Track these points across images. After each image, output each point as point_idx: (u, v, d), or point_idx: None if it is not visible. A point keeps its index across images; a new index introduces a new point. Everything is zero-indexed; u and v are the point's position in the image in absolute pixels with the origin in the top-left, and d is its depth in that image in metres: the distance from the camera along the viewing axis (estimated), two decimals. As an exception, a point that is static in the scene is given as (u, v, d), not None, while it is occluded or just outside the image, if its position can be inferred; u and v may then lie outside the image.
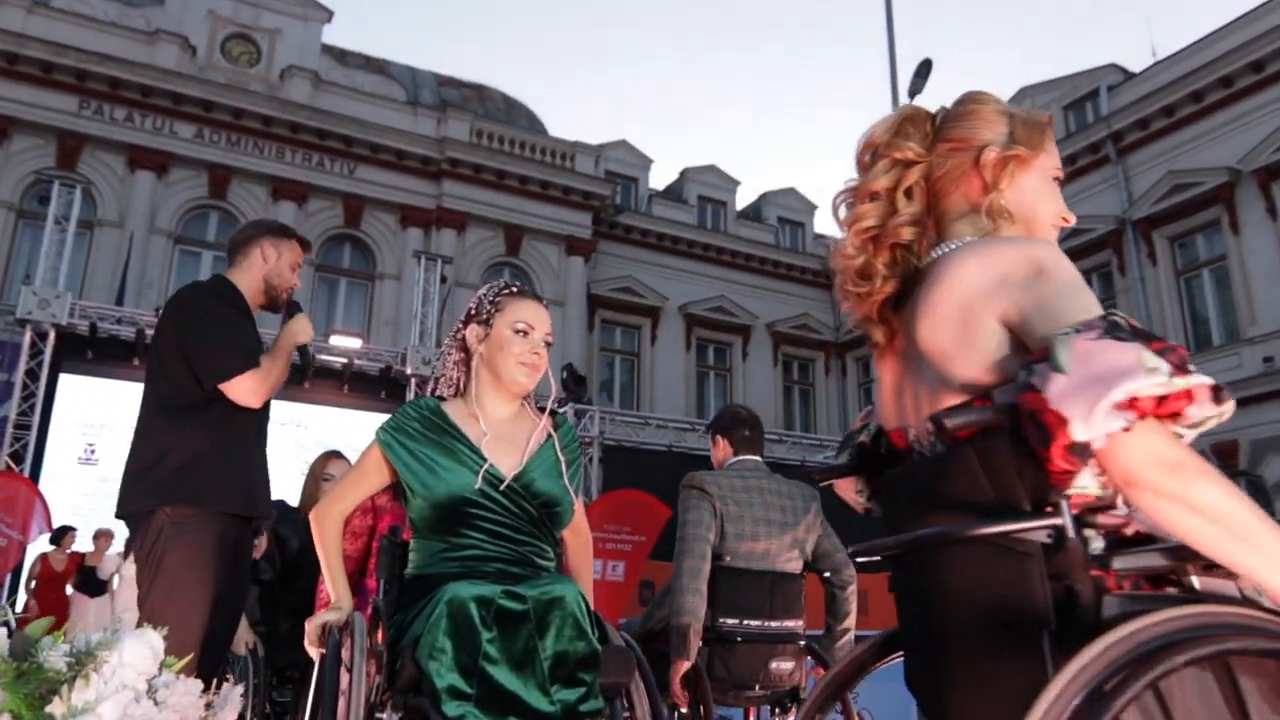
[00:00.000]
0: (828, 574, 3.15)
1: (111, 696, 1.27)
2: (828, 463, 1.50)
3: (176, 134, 15.00)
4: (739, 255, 20.26)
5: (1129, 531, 1.14)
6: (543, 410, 2.08)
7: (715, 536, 2.93)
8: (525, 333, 1.98)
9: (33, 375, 9.18)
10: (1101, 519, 1.12)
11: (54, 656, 1.30)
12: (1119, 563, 1.08)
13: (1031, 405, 1.03)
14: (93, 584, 8.70)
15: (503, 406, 2.01)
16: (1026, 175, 1.31)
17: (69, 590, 8.83)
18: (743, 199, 21.95)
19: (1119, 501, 1.12)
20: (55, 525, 8.45)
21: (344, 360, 10.92)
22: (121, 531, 8.71)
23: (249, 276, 2.67)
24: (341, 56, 17.43)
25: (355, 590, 2.78)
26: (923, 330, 1.22)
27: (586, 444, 10.98)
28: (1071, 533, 1.06)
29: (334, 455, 3.72)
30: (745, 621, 2.92)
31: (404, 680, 1.63)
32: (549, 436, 2.02)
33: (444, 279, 12.48)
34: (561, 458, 2.01)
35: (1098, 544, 1.11)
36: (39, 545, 8.39)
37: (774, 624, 2.97)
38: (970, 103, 1.36)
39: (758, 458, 3.18)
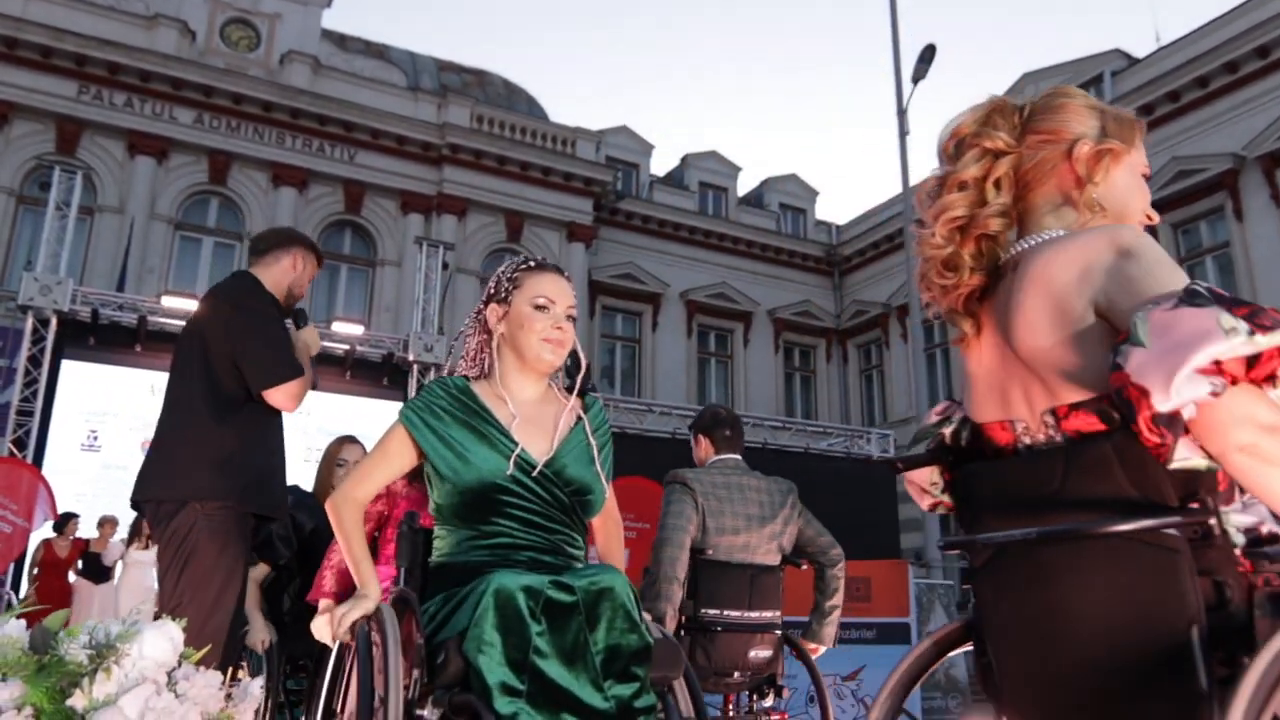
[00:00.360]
0: (817, 557, 3.31)
1: (132, 689, 1.26)
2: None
3: (176, 119, 14.94)
4: (740, 242, 20.22)
5: (1264, 531, 1.12)
6: (570, 391, 2.01)
7: (697, 531, 3.08)
8: (546, 307, 1.90)
9: (35, 362, 9.15)
10: (1236, 517, 1.10)
11: (74, 649, 1.29)
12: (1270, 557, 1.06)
13: (1117, 383, 1.03)
14: (98, 570, 8.71)
15: (529, 387, 1.93)
16: (1119, 170, 1.32)
17: (71, 577, 8.85)
18: (744, 185, 21.90)
19: (1242, 498, 1.11)
20: (59, 512, 8.45)
21: (346, 347, 10.90)
22: (125, 518, 8.69)
23: (274, 279, 2.74)
24: (341, 41, 17.34)
25: (345, 582, 2.77)
26: (1019, 328, 1.21)
27: (589, 431, 10.96)
28: (1221, 529, 1.04)
29: (349, 440, 3.72)
30: (725, 612, 3.06)
31: (448, 675, 1.53)
32: (579, 419, 1.94)
33: (445, 265, 12.44)
34: (593, 442, 1.93)
35: (1239, 539, 1.09)
36: (43, 531, 8.39)
37: (753, 614, 3.12)
38: (1060, 96, 1.36)
39: (738, 456, 3.34)
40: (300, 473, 3.74)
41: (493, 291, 1.96)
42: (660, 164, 23.37)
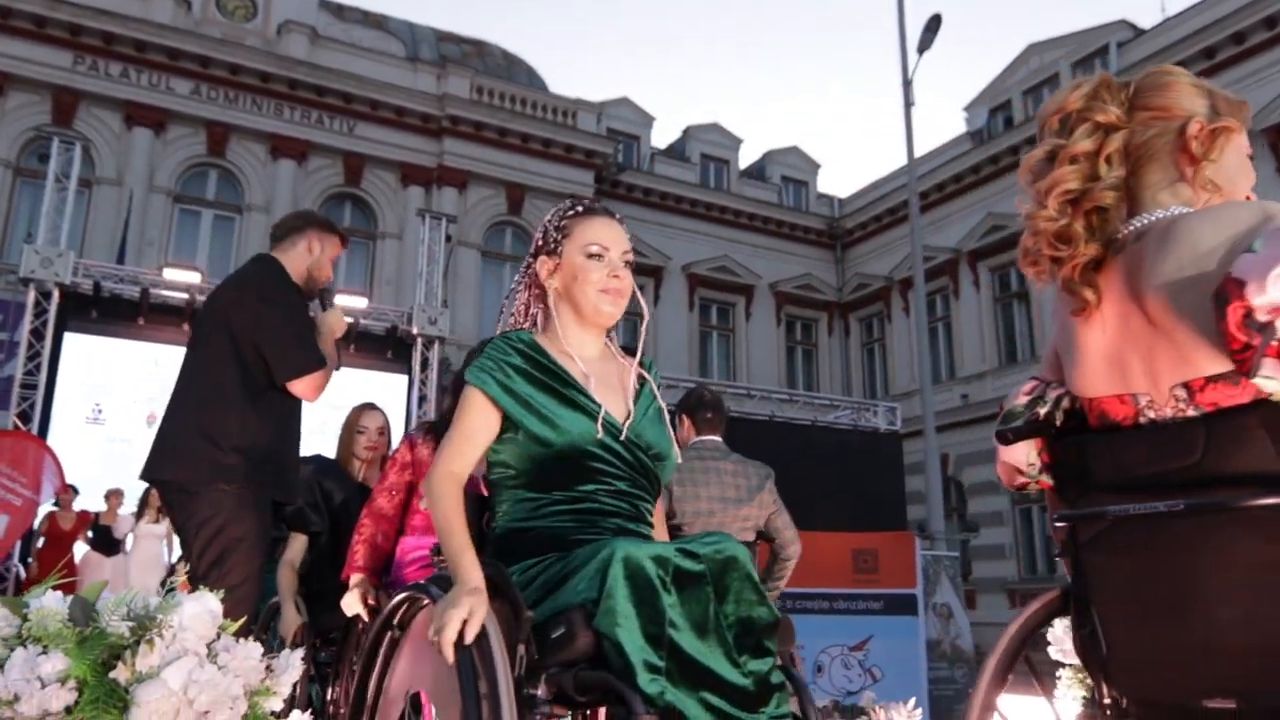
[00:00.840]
0: (775, 546, 3.46)
1: (175, 661, 1.24)
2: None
3: (173, 90, 14.79)
4: (742, 214, 20.12)
5: None
6: (626, 351, 1.88)
7: (665, 510, 3.18)
8: (600, 255, 1.75)
9: (37, 335, 9.11)
10: None
11: (115, 621, 1.27)
12: None
13: (1218, 286, 1.05)
14: (109, 543, 8.73)
15: (589, 344, 1.80)
16: (1230, 149, 1.33)
17: (80, 549, 8.86)
18: (746, 157, 21.76)
19: None
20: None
21: (349, 320, 10.85)
22: (130, 491, 8.67)
23: (293, 264, 2.76)
24: (339, 11, 17.14)
25: (384, 556, 2.72)
26: (1158, 298, 1.20)
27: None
28: None
29: (369, 407, 3.70)
30: None
31: (573, 651, 1.41)
32: (643, 381, 1.83)
33: (449, 238, 12.38)
34: (661, 404, 1.82)
35: None
36: (50, 505, 8.39)
37: None
38: (1166, 75, 1.37)
39: (718, 438, 3.44)
40: (309, 447, 3.71)
41: (540, 243, 1.82)
42: (661, 136, 23.23)
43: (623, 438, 1.70)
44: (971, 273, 18.15)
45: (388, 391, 10.06)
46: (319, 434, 3.96)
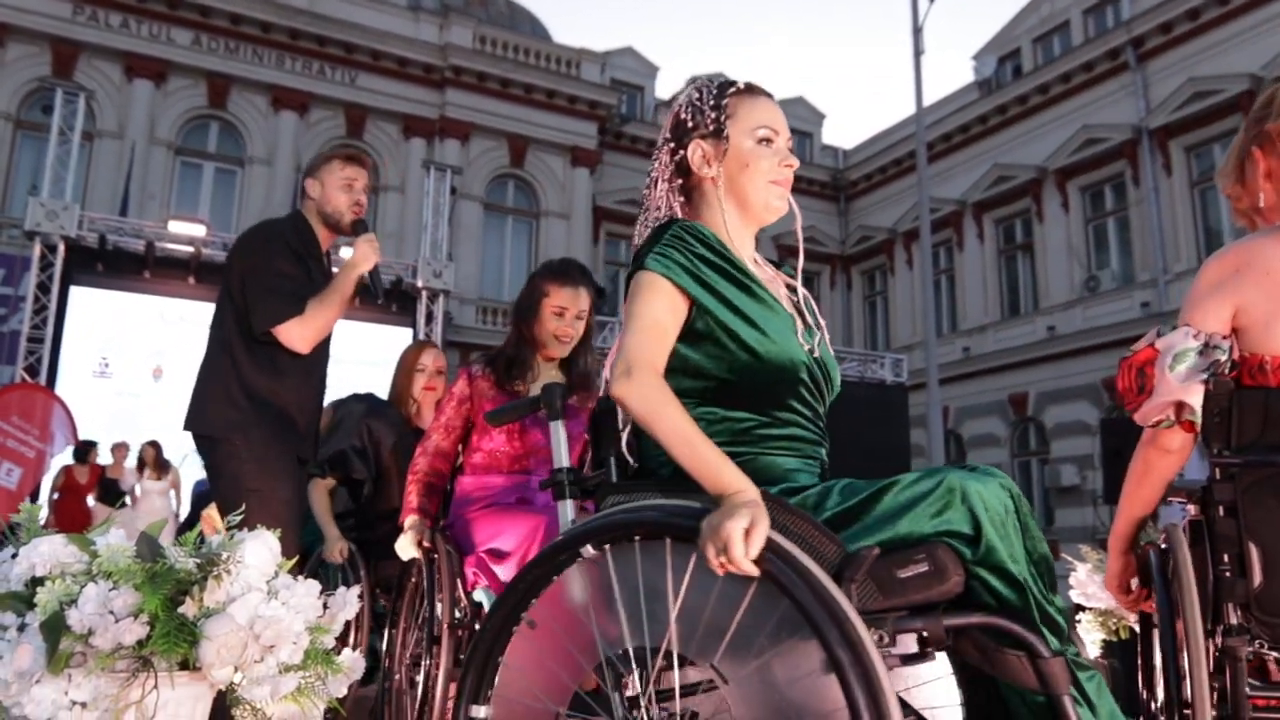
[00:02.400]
0: None
1: (241, 597, 1.27)
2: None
3: (173, 41, 14.59)
4: (746, 166, 19.96)
5: None
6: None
7: None
8: (770, 140, 1.52)
9: (44, 288, 9.12)
10: None
11: (182, 557, 1.29)
12: None
13: None
14: (114, 495, 8.82)
15: (747, 247, 1.56)
16: None
17: (90, 502, 8.96)
18: (750, 108, 21.51)
19: None
20: (80, 440, 8.50)
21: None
22: (135, 444, 8.71)
23: (310, 213, 2.72)
24: (338, -42, 16.83)
25: (440, 497, 2.61)
26: None
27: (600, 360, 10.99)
28: None
29: (427, 344, 3.62)
30: None
31: (938, 592, 1.23)
32: (798, 292, 1.60)
33: (453, 190, 12.31)
34: (822, 322, 1.59)
35: None
36: (63, 457, 8.45)
37: None
38: None
39: None
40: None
41: (691, 124, 1.55)
42: (666, 87, 22.94)
43: (816, 354, 1.50)
44: (976, 225, 18.06)
45: (392, 345, 10.09)
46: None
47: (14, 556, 1.29)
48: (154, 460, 8.53)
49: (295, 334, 2.52)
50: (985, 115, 17.79)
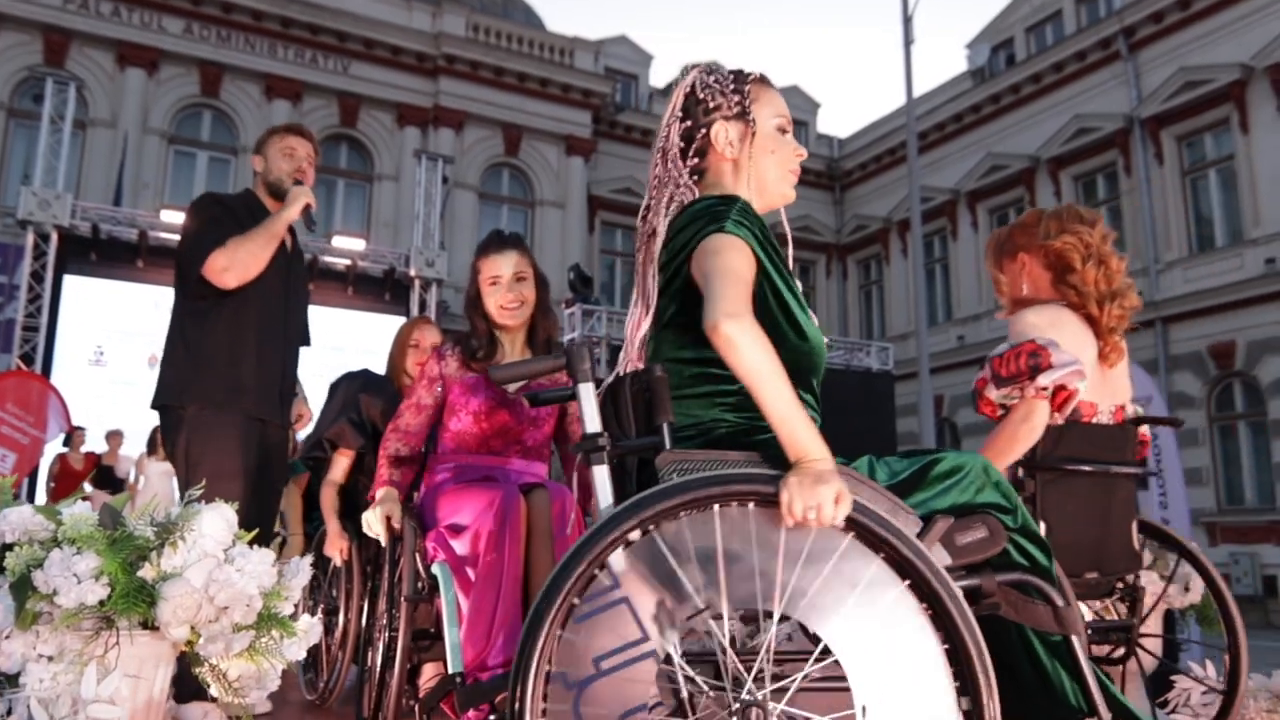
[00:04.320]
0: None
1: (196, 563, 1.36)
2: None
3: (165, 29, 14.61)
4: (740, 155, 19.96)
5: None
6: None
7: None
8: (787, 130, 1.59)
9: (37, 277, 9.19)
10: None
11: (141, 526, 1.38)
12: None
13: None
14: (112, 482, 8.91)
15: None
16: None
17: (88, 489, 9.04)
18: (744, 97, 21.50)
19: None
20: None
21: (348, 262, 10.93)
22: (132, 432, 8.79)
23: (257, 188, 2.84)
24: (331, -53, 16.82)
25: (412, 475, 2.55)
26: None
27: (595, 343, 11.07)
28: None
29: (424, 321, 3.61)
30: None
31: (986, 555, 1.41)
32: None
33: (446, 179, 12.36)
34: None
35: None
36: (57, 445, 8.54)
37: None
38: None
39: None
40: (312, 392, 3.62)
41: (712, 104, 1.57)
42: (660, 75, 22.95)
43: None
44: (970, 214, 18.12)
45: (385, 333, 10.16)
46: (319, 378, 3.90)
47: (-15, 526, 1.38)
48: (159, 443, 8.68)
49: (218, 265, 2.53)
50: (978, 104, 17.84)
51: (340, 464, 3.19)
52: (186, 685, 1.83)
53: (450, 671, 2.00)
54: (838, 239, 21.08)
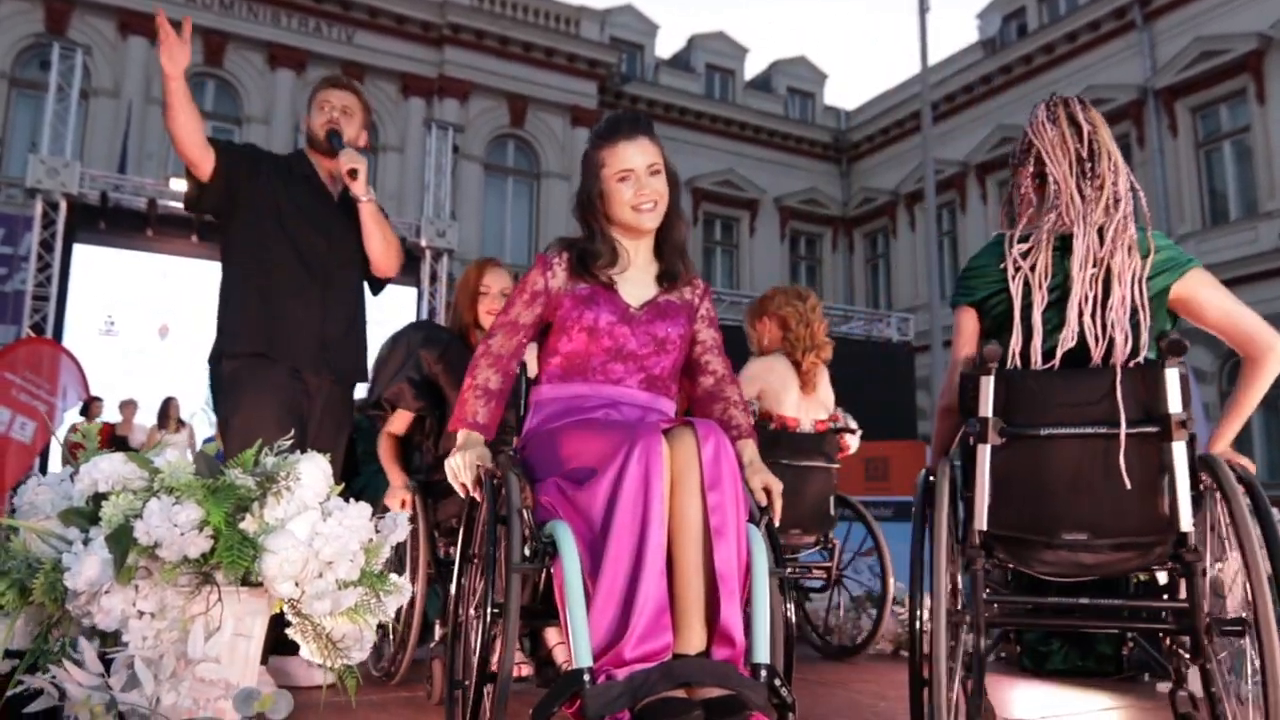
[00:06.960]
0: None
1: (299, 515, 1.29)
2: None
3: (168, -3, 14.39)
4: (747, 127, 19.83)
5: None
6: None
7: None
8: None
9: (47, 246, 9.07)
10: None
11: (241, 475, 1.31)
12: None
13: None
14: (123, 451, 8.87)
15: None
16: None
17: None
18: (752, 68, 21.35)
19: None
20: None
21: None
22: (144, 401, 8.71)
23: (307, 147, 2.90)
24: (335, -87, 16.55)
25: (503, 407, 2.02)
26: None
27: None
28: None
29: (493, 263, 3.06)
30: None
31: None
32: None
33: (455, 149, 12.22)
34: None
35: None
36: (73, 414, 8.46)
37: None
38: None
39: None
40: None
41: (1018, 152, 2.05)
42: (666, 45, 22.73)
43: None
44: (980, 186, 18.00)
45: (396, 304, 10.07)
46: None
47: (73, 476, 1.31)
48: (175, 414, 8.67)
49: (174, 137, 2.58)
50: (989, 75, 17.66)
51: (399, 418, 2.95)
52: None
53: (575, 666, 1.50)
54: (844, 212, 20.95)
